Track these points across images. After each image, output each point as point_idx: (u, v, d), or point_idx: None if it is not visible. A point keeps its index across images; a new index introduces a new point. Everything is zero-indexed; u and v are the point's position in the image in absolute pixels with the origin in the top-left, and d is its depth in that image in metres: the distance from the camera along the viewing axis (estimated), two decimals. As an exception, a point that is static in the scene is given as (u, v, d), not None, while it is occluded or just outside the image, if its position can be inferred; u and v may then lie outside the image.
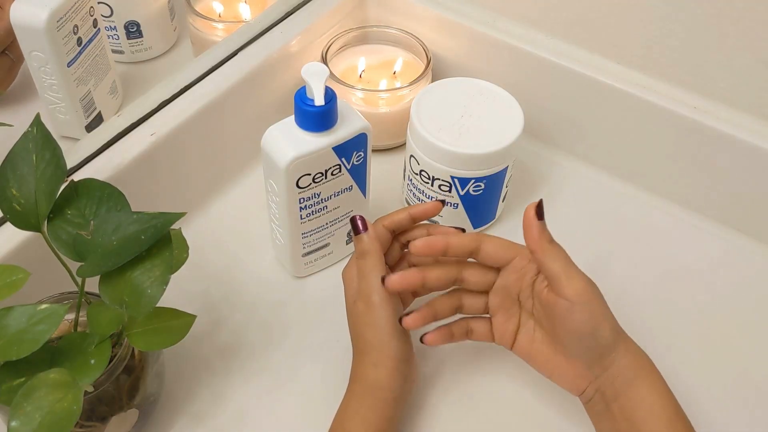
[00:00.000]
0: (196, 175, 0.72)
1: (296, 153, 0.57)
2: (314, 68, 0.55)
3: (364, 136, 0.60)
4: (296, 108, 0.57)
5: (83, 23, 0.69)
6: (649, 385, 0.53)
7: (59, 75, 0.68)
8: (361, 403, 0.54)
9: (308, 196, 0.60)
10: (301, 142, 0.57)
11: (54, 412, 0.43)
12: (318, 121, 0.57)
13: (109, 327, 0.47)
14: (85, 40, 0.70)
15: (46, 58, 0.66)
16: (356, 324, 0.57)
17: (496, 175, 0.67)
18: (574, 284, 0.51)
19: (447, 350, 0.64)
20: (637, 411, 0.52)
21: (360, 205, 0.66)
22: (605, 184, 0.78)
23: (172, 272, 0.47)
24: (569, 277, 0.52)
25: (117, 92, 0.78)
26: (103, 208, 0.50)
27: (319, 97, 0.54)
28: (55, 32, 0.65)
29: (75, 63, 0.69)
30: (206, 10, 0.82)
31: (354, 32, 0.80)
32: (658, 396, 0.52)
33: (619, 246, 0.72)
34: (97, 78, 0.74)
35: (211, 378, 0.61)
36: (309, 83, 0.54)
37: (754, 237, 0.73)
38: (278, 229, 0.64)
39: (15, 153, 0.49)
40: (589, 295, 0.52)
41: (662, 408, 0.52)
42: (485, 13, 0.79)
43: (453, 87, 0.70)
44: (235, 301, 0.67)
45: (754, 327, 0.67)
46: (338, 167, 0.60)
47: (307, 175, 0.59)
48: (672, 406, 0.52)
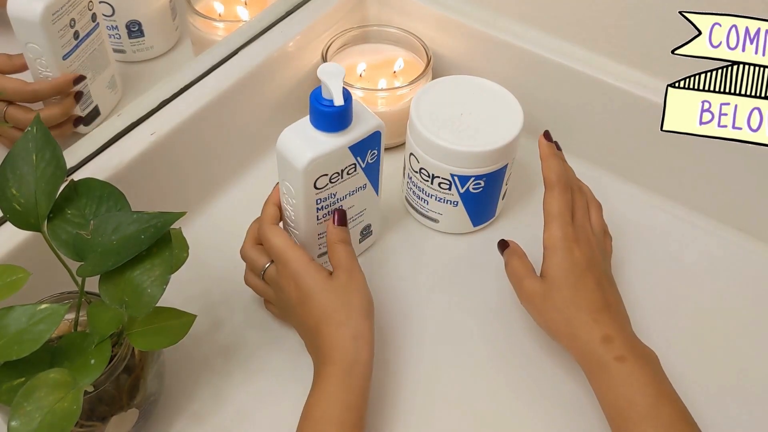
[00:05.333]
0: (197, 174, 0.72)
1: (314, 154, 0.57)
2: (331, 69, 0.54)
3: (378, 135, 0.60)
4: (312, 109, 0.56)
5: (81, 17, 0.69)
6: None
7: (54, 67, 0.68)
8: (339, 386, 0.54)
9: (325, 197, 0.60)
10: (317, 142, 0.57)
11: (54, 411, 0.43)
12: (335, 121, 0.57)
13: (109, 327, 0.47)
14: (83, 34, 0.70)
15: (41, 50, 0.67)
16: (338, 296, 0.56)
17: (496, 173, 0.67)
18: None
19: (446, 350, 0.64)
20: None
21: (373, 203, 0.66)
22: (605, 182, 0.78)
23: (172, 272, 0.47)
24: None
25: (116, 87, 0.78)
26: (103, 208, 0.50)
27: (338, 98, 0.54)
28: (50, 25, 0.65)
29: (71, 56, 0.69)
30: (207, 9, 0.82)
31: (354, 31, 0.80)
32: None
33: (619, 245, 0.72)
34: (95, 72, 0.74)
35: (211, 378, 0.61)
36: (327, 84, 0.54)
37: (754, 236, 0.73)
38: (293, 231, 0.64)
39: (15, 153, 0.49)
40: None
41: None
42: (485, 11, 0.79)
43: (453, 85, 0.70)
44: (235, 300, 0.67)
45: (755, 325, 0.67)
46: (353, 166, 0.60)
47: (324, 176, 0.59)
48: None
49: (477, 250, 0.71)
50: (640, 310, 0.67)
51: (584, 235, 0.59)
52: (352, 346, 0.55)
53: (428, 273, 0.70)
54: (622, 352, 0.54)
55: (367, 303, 0.58)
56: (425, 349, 0.64)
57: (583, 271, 0.57)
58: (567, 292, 0.57)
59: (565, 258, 0.57)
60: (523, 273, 0.60)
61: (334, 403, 0.53)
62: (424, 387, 0.62)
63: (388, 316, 0.66)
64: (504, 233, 0.61)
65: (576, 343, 0.56)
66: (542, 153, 0.62)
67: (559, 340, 0.58)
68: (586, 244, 0.59)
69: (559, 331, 0.57)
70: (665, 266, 0.71)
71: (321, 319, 0.56)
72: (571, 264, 0.57)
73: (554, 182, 0.60)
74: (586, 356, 0.55)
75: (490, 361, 0.64)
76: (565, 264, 0.57)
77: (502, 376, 0.63)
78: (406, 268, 0.70)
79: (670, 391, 0.54)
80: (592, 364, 0.55)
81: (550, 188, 0.60)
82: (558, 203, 0.59)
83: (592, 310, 0.56)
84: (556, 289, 0.57)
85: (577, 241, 0.58)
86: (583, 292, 0.56)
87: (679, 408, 0.53)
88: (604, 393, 0.54)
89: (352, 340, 0.55)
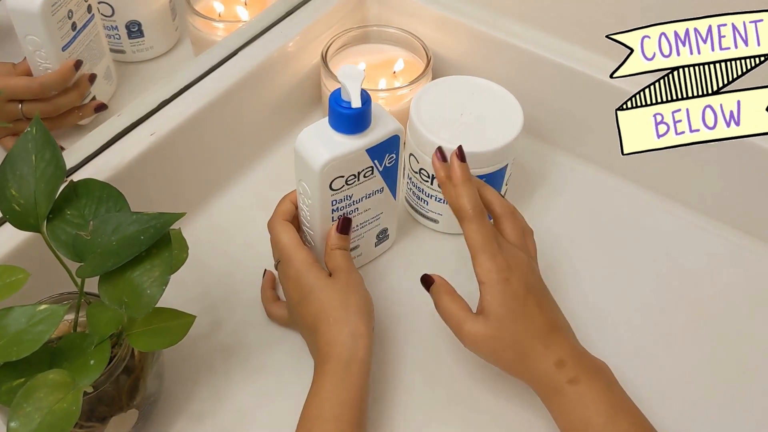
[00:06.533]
0: (196, 175, 0.72)
1: (331, 155, 0.57)
2: (350, 70, 0.54)
3: (397, 138, 0.60)
4: (331, 110, 0.56)
5: (78, 8, 0.70)
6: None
7: (54, 59, 0.69)
8: (336, 383, 0.54)
9: (340, 198, 0.60)
10: (335, 144, 0.57)
11: (53, 412, 0.43)
12: (353, 123, 0.57)
13: (109, 327, 0.47)
14: (80, 25, 0.71)
15: (41, 42, 0.67)
16: (337, 294, 0.57)
17: (496, 174, 0.67)
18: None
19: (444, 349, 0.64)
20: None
21: (390, 207, 0.66)
22: (605, 182, 0.78)
23: (171, 272, 0.47)
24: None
25: (111, 78, 0.79)
26: (103, 209, 0.50)
27: (356, 100, 0.54)
28: (49, 16, 0.66)
29: (70, 47, 0.70)
30: (206, 9, 0.82)
31: (354, 31, 0.80)
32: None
33: (619, 244, 0.72)
34: (92, 63, 0.74)
35: (211, 378, 0.61)
36: (345, 85, 0.54)
37: (755, 236, 0.73)
38: (309, 231, 0.64)
39: (14, 153, 0.49)
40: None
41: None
42: (485, 11, 0.79)
43: (453, 85, 0.70)
44: (235, 301, 0.67)
45: (755, 325, 0.67)
46: (371, 169, 0.60)
47: (341, 177, 0.59)
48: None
49: (477, 251, 0.71)
50: (640, 310, 0.67)
51: (514, 259, 0.55)
52: (350, 343, 0.55)
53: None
54: (574, 373, 0.53)
55: (366, 302, 0.58)
56: (425, 349, 0.64)
57: (524, 298, 0.54)
58: (513, 326, 0.54)
59: (505, 291, 0.54)
60: (459, 315, 0.56)
61: (330, 400, 0.53)
62: (424, 387, 0.62)
63: (388, 316, 0.66)
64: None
65: (530, 373, 0.54)
66: (456, 177, 0.56)
67: (514, 375, 0.56)
68: (518, 267, 0.55)
69: (513, 368, 0.55)
70: (665, 266, 0.71)
71: (319, 316, 0.56)
72: (511, 296, 0.54)
73: (471, 214, 0.55)
74: (541, 384, 0.54)
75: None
76: (506, 297, 0.54)
77: (503, 375, 0.63)
78: (406, 268, 0.70)
79: (625, 403, 0.53)
80: (548, 390, 0.54)
81: (468, 220, 0.55)
82: (481, 234, 0.55)
83: (541, 336, 0.54)
84: (503, 327, 0.54)
85: (510, 268, 0.54)
86: (530, 321, 0.54)
87: (636, 419, 0.52)
88: (561, 418, 0.53)
89: (350, 338, 0.55)
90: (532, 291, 0.55)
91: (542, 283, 0.58)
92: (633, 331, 0.64)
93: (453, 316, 0.56)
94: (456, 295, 0.57)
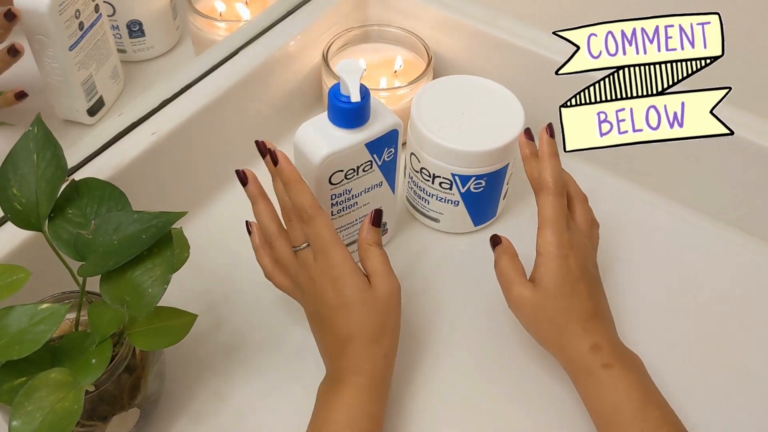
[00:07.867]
0: (198, 174, 0.72)
1: (330, 149, 0.57)
2: (349, 65, 0.55)
3: (396, 133, 0.60)
4: (330, 104, 0.57)
5: (85, 8, 0.70)
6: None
7: (62, 59, 0.69)
8: (367, 398, 0.54)
9: (339, 193, 0.61)
10: (334, 138, 0.57)
11: (55, 411, 0.43)
12: (352, 117, 0.57)
13: (110, 326, 0.47)
14: (87, 25, 0.71)
15: (49, 41, 0.67)
16: (378, 313, 0.55)
17: (497, 173, 0.67)
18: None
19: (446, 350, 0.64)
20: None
21: (389, 201, 0.66)
22: (606, 182, 0.78)
23: (173, 272, 0.47)
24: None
25: (119, 77, 0.79)
26: (104, 208, 0.50)
27: (355, 94, 0.55)
28: (57, 16, 0.66)
29: (77, 47, 0.70)
30: (207, 9, 0.82)
31: (354, 31, 0.80)
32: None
33: (620, 244, 0.72)
34: (99, 62, 0.74)
35: (212, 377, 0.62)
36: (345, 80, 0.54)
37: (754, 236, 0.73)
38: None
39: (16, 152, 0.49)
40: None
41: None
42: (486, 11, 0.79)
43: (454, 85, 0.70)
44: (236, 300, 0.67)
45: (755, 325, 0.67)
46: (370, 163, 0.60)
47: (340, 171, 0.59)
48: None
49: (478, 250, 0.71)
50: (640, 309, 0.67)
51: (578, 241, 0.57)
52: (383, 364, 0.55)
53: (429, 273, 0.70)
54: (609, 359, 0.53)
55: (399, 320, 0.57)
56: (425, 349, 0.64)
57: (577, 280, 0.55)
58: (560, 302, 0.55)
59: (560, 267, 0.55)
60: (513, 277, 0.57)
61: (361, 412, 0.53)
62: (424, 387, 0.62)
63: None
64: (505, 233, 0.61)
65: (565, 351, 0.56)
66: (543, 151, 0.57)
67: (547, 348, 0.57)
68: (579, 249, 0.57)
69: (549, 341, 0.57)
70: (665, 266, 0.71)
71: (357, 331, 0.55)
72: (565, 273, 0.55)
73: (552, 186, 0.57)
74: (574, 364, 0.55)
75: (491, 361, 0.64)
76: (560, 273, 0.55)
77: (503, 376, 0.63)
78: (407, 267, 0.70)
79: (656, 396, 0.53)
80: (580, 372, 0.55)
81: (546, 192, 0.57)
82: (554, 208, 0.56)
83: (583, 319, 0.55)
84: (550, 299, 0.55)
85: (572, 248, 0.56)
86: (576, 302, 0.55)
87: (666, 411, 0.53)
88: (591, 400, 0.54)
89: (383, 359, 0.55)
90: (586, 275, 0.56)
91: (597, 273, 0.59)
92: (633, 330, 0.64)
93: (507, 276, 0.58)
94: (517, 260, 0.59)
